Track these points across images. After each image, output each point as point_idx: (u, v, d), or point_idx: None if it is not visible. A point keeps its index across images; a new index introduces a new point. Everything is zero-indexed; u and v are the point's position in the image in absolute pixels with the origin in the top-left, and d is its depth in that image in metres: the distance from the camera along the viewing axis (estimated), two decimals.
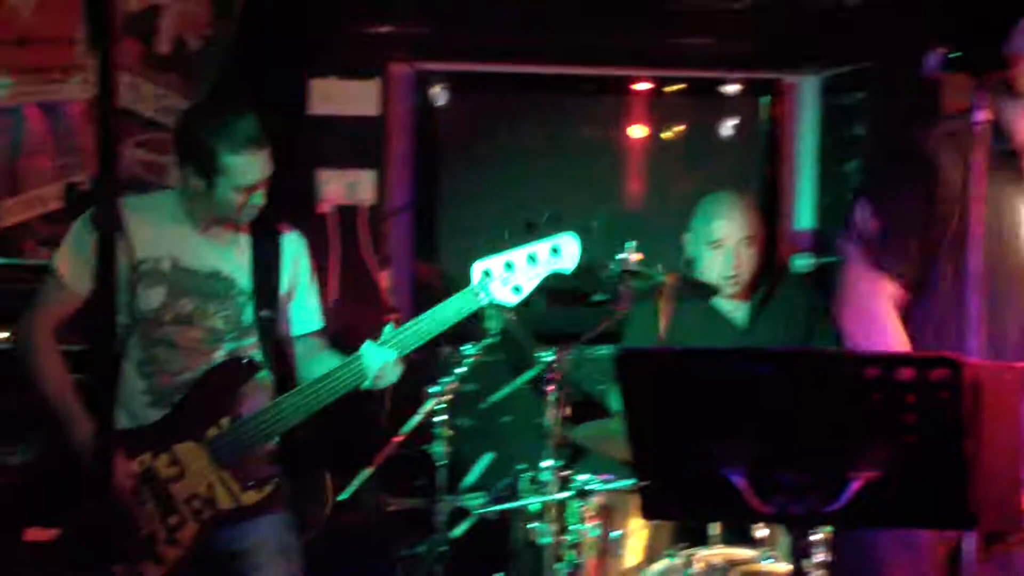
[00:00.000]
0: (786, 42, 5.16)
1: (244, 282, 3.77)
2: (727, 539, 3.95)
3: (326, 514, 4.19)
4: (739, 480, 2.50)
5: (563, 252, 3.63)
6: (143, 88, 5.08)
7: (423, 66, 5.59)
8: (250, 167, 3.64)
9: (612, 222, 5.61)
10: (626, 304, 4.29)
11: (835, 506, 2.45)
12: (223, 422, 3.68)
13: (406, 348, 3.64)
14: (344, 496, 4.36)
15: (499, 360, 4.83)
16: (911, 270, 3.15)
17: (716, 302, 4.54)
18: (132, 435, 3.66)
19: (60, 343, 3.71)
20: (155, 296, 3.70)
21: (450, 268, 5.59)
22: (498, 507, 4.46)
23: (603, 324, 4.33)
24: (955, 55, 2.96)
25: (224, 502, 3.67)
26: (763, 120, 5.78)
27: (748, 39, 5.23)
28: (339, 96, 5.30)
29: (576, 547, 4.09)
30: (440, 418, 4.41)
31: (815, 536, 3.35)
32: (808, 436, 2.42)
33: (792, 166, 5.66)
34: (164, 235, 3.74)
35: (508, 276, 3.64)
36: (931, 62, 2.98)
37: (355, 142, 5.34)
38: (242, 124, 3.63)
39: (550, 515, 4.14)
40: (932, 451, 2.35)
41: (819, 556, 3.42)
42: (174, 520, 3.64)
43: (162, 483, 3.64)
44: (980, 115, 2.87)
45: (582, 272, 3.71)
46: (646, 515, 2.74)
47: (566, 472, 4.18)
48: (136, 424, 3.69)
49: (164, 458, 3.66)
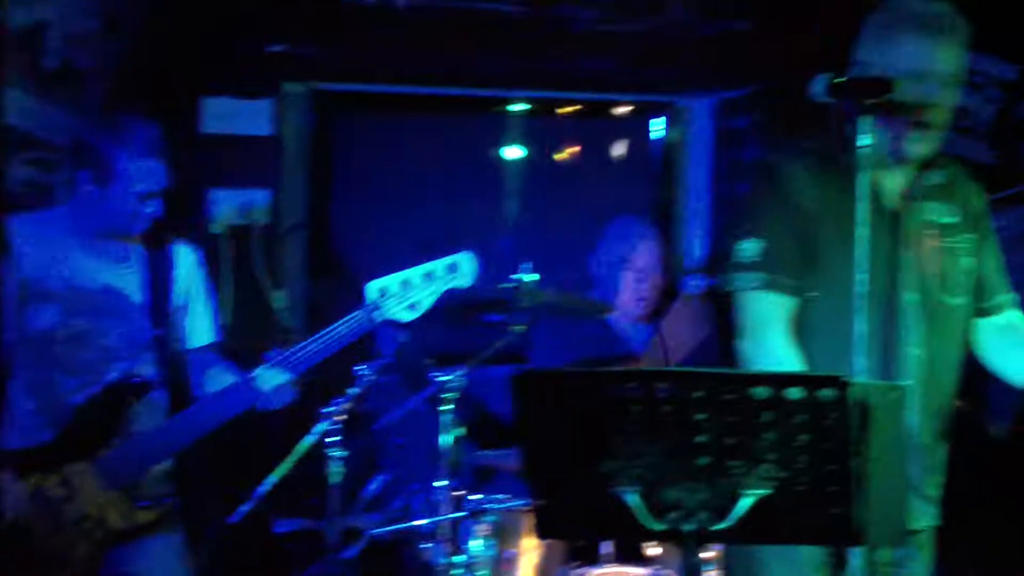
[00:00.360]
0: (679, 66, 5.22)
1: (137, 298, 3.73)
2: (619, 558, 3.98)
3: (221, 535, 4.15)
4: (632, 499, 2.52)
5: (460, 269, 3.64)
6: (30, 105, 5.00)
7: (317, 86, 5.57)
8: (147, 174, 3.60)
9: (507, 242, 5.63)
10: (522, 324, 4.30)
11: (726, 524, 2.49)
12: (115, 442, 3.63)
13: (300, 368, 3.62)
14: (235, 518, 4.32)
15: (394, 380, 4.82)
16: (797, 281, 3.22)
17: (616, 323, 4.58)
18: (22, 456, 3.60)
19: None
20: (47, 315, 3.65)
21: (345, 287, 5.56)
22: (391, 528, 4.44)
23: (499, 344, 4.34)
24: (839, 80, 3.03)
25: (115, 523, 3.62)
26: (656, 143, 5.85)
27: (642, 62, 5.28)
28: (233, 115, 5.27)
29: (469, 567, 4.09)
30: (333, 439, 4.38)
31: (706, 554, 3.39)
32: (701, 455, 2.45)
33: (685, 188, 5.72)
34: (54, 253, 3.69)
35: (404, 294, 3.63)
36: (816, 87, 3.05)
37: (249, 161, 5.30)
38: (141, 130, 3.60)
39: (444, 535, 4.14)
40: (821, 469, 2.40)
41: (710, 574, 3.46)
42: (65, 541, 3.58)
43: (53, 504, 3.59)
44: (865, 139, 2.94)
45: (477, 291, 3.72)
46: (540, 534, 2.75)
47: (460, 492, 4.18)
48: (26, 444, 3.63)
49: (54, 479, 3.60)
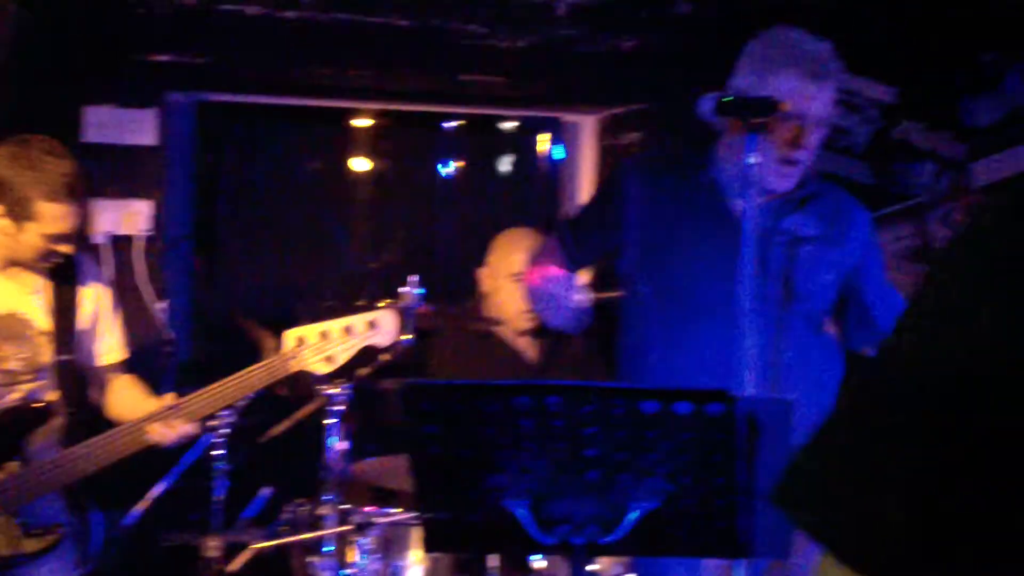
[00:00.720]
0: (565, 82, 5.26)
1: (42, 322, 3.66)
2: (505, 571, 3.99)
3: (101, 552, 4.08)
4: (521, 512, 2.54)
5: (381, 327, 3.61)
6: None
7: (202, 96, 5.52)
8: (63, 217, 3.53)
9: (393, 255, 5.62)
10: (411, 338, 4.30)
11: (615, 537, 2.51)
12: (10, 466, 3.56)
13: (205, 414, 3.59)
14: (118, 532, 4.26)
15: (280, 393, 4.78)
16: (577, 248, 3.44)
17: (506, 337, 4.60)
18: None
19: None
20: None
21: (230, 300, 5.52)
22: (276, 542, 4.41)
23: (385, 358, 4.33)
24: (727, 99, 3.08)
25: (3, 549, 3.55)
26: (543, 157, 5.89)
27: (528, 78, 5.32)
28: (116, 125, 5.20)
29: None
30: (218, 452, 4.34)
31: (593, 567, 3.42)
32: (590, 468, 2.48)
33: (571, 203, 5.76)
34: None
35: (322, 345, 3.59)
36: (704, 106, 3.10)
37: (131, 171, 5.23)
38: (60, 172, 3.51)
39: (329, 549, 4.12)
40: (708, 482, 2.44)
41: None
42: None
43: None
44: (752, 158, 2.99)
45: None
46: (428, 547, 2.75)
47: (346, 505, 4.17)
48: None
49: None
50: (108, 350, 3.84)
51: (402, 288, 4.12)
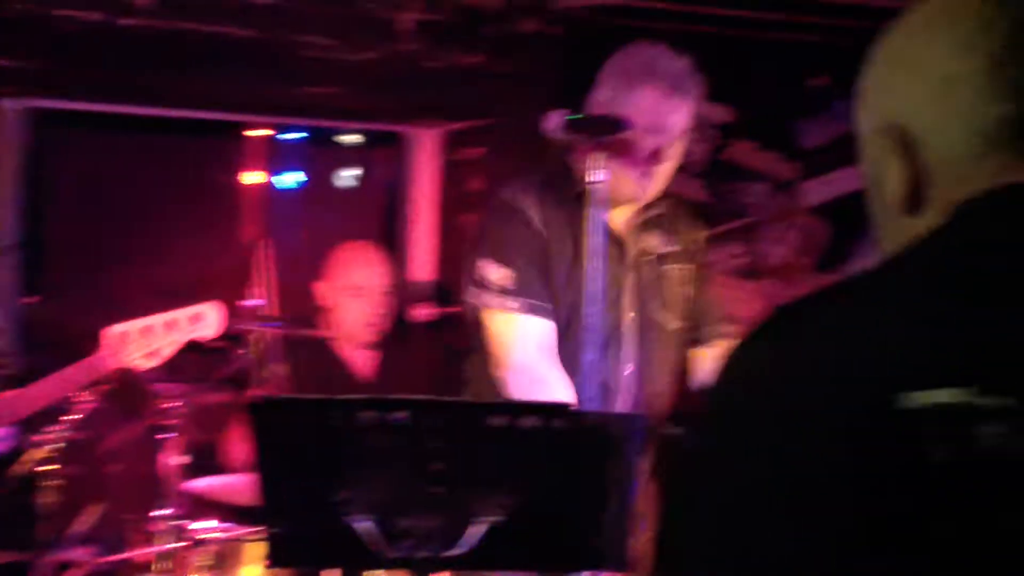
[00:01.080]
0: (408, 96, 5.27)
1: None
2: None
3: None
4: (366, 526, 2.53)
5: (205, 320, 3.58)
6: None
7: (35, 103, 5.39)
8: None
9: (236, 266, 5.56)
10: (248, 351, 4.26)
11: (459, 551, 2.52)
12: None
13: (25, 414, 3.51)
14: None
15: (113, 406, 4.69)
16: (548, 304, 3.27)
17: (342, 351, 4.58)
18: None
19: None
20: None
21: (61, 309, 5.40)
22: (108, 559, 4.32)
23: (224, 371, 4.29)
24: (575, 117, 3.12)
25: None
26: (384, 171, 5.88)
27: (370, 91, 5.31)
28: None
29: None
30: (47, 466, 4.24)
31: None
32: (436, 482, 2.48)
33: (412, 218, 5.77)
34: None
35: (145, 341, 3.55)
36: (551, 123, 3.13)
37: None
38: None
39: (162, 565, 4.05)
40: (553, 496, 2.46)
41: None
42: None
43: None
44: (598, 176, 3.03)
45: None
46: (273, 562, 2.73)
47: (181, 521, 4.10)
48: None
49: None
50: None
51: (242, 302, 4.08)
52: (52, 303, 5.50)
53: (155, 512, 4.06)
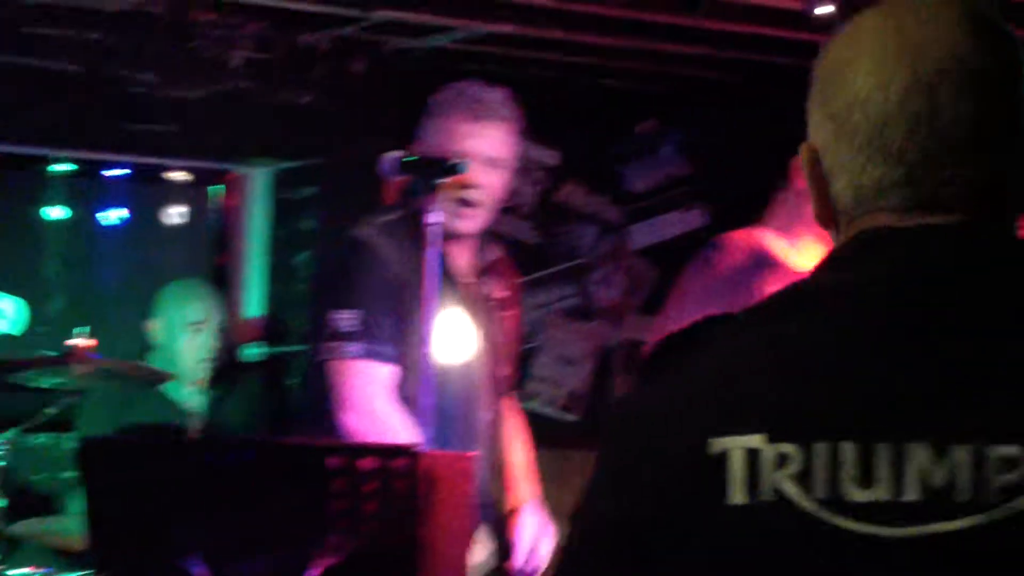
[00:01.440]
0: (238, 134, 5.24)
1: None
2: None
3: None
4: (199, 569, 2.50)
5: (3, 314, 3.52)
6: None
7: None
8: None
9: (59, 307, 5.45)
10: (74, 390, 4.18)
11: None
12: None
13: None
14: None
15: None
16: (396, 347, 3.27)
17: (171, 390, 4.51)
18: None
19: None
20: None
21: None
22: None
23: (49, 411, 4.19)
24: (409, 159, 3.15)
25: None
26: (213, 209, 5.83)
27: (200, 129, 5.27)
28: None
29: None
30: None
31: None
32: (272, 524, 2.47)
33: (242, 256, 5.73)
34: None
35: None
36: (386, 165, 3.15)
37: None
38: None
39: None
40: (389, 538, 2.46)
41: None
42: None
43: None
44: (434, 217, 3.06)
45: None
46: None
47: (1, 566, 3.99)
48: None
49: None
50: None
51: (69, 340, 4.00)
52: None
53: None
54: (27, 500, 4.46)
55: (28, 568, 4.01)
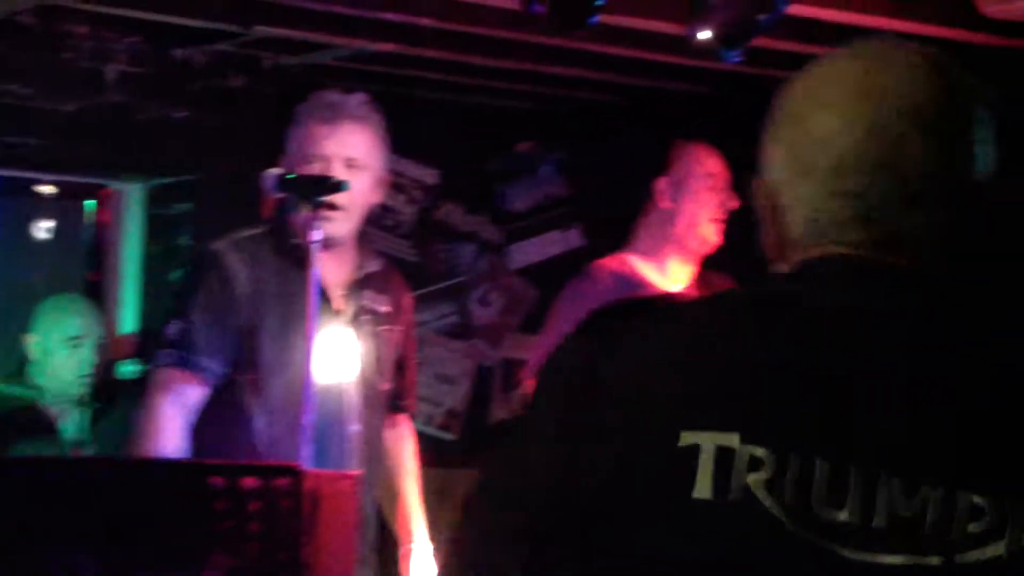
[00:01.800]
0: (112, 148, 5.16)
1: None
2: None
3: None
4: None
5: None
6: None
7: None
8: None
9: None
10: None
11: None
12: None
13: None
14: None
15: None
16: (221, 364, 3.24)
17: (54, 405, 4.42)
18: None
19: None
20: None
21: None
22: None
23: None
24: (289, 176, 3.13)
25: None
26: (87, 225, 5.73)
27: (72, 142, 5.18)
28: None
29: None
30: None
31: None
32: (154, 544, 2.42)
33: (116, 272, 5.64)
34: None
35: None
36: (268, 182, 3.13)
37: None
38: None
39: None
40: (273, 557, 2.44)
41: None
42: None
43: None
44: (315, 235, 3.04)
45: None
46: None
47: None
48: None
49: None
50: None
51: None
52: None
53: None
54: None
55: None
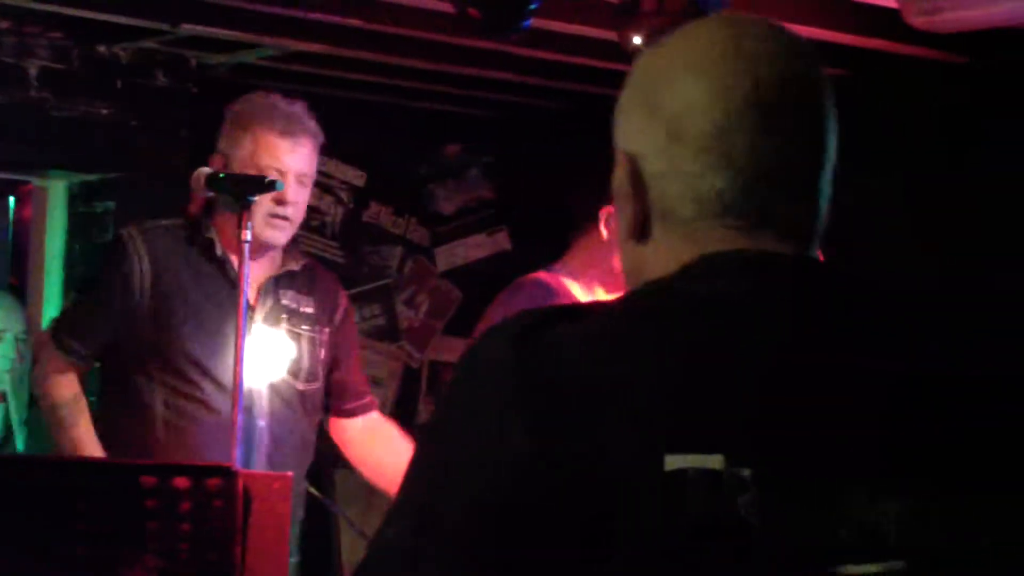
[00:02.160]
0: (33, 145, 5.09)
1: None
2: None
3: None
4: None
5: None
6: None
7: None
8: None
9: None
10: None
11: None
12: None
13: None
14: None
15: None
16: (87, 348, 3.27)
17: None
18: None
19: None
20: None
21: None
22: None
23: None
24: (218, 175, 3.11)
25: None
26: (10, 222, 5.66)
27: None
28: None
29: None
30: None
31: None
32: (82, 544, 2.40)
33: (40, 269, 5.57)
34: None
35: None
36: (196, 180, 3.11)
37: None
38: None
39: None
40: (204, 557, 2.42)
41: None
42: None
43: None
44: (246, 235, 3.01)
45: None
46: None
47: None
48: None
49: None
50: None
51: None
52: None
53: None
54: None
55: None
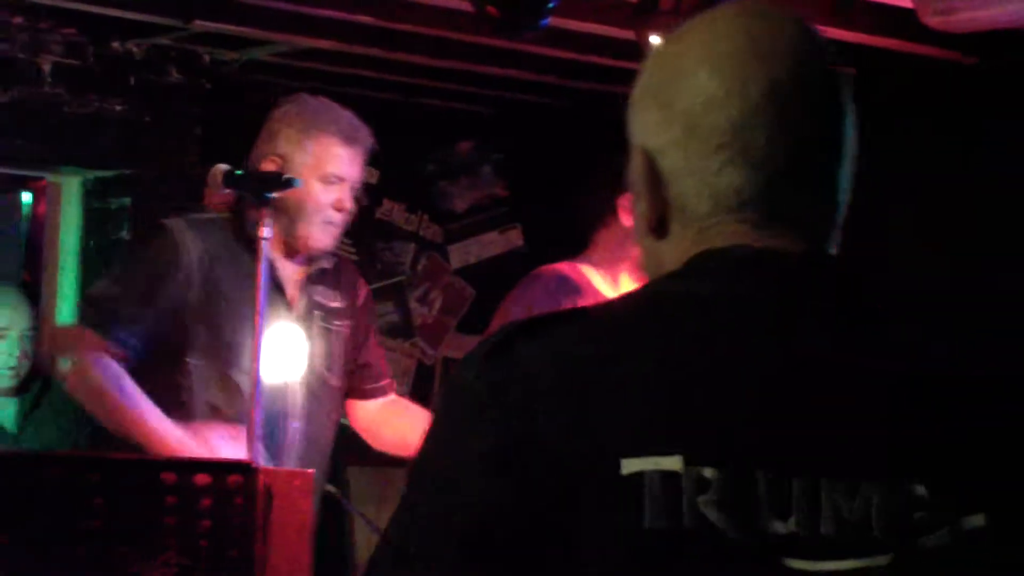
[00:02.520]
0: (47, 141, 5.10)
1: None
2: None
3: None
4: None
5: None
6: None
7: None
8: None
9: None
10: None
11: None
12: None
13: None
14: None
15: None
16: (138, 339, 3.19)
17: None
18: None
19: None
20: None
21: None
22: None
23: None
24: (237, 172, 3.11)
25: None
26: (24, 217, 5.67)
27: (8, 134, 5.11)
28: None
29: None
30: None
31: None
32: (101, 541, 2.40)
33: (54, 265, 5.57)
34: None
35: None
36: (216, 177, 3.11)
37: None
38: None
39: None
40: (225, 554, 2.42)
41: None
42: None
43: None
44: (266, 231, 3.02)
45: None
46: None
47: None
48: None
49: None
50: None
51: None
52: None
53: None
54: None
55: None
